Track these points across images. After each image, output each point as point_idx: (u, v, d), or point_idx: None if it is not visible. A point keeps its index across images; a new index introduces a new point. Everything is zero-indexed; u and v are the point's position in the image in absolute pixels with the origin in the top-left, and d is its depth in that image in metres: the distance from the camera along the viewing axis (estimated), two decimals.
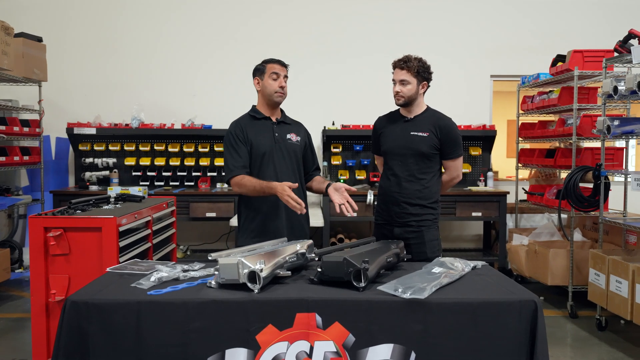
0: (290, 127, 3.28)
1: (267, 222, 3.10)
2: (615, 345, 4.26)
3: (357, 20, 6.69)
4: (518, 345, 2.10)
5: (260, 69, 3.19)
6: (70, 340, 2.04)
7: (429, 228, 3.22)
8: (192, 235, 6.54)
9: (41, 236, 3.04)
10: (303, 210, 2.81)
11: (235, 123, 3.20)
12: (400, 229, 3.23)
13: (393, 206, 3.25)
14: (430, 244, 3.21)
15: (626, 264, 4.10)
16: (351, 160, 6.41)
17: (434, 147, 3.21)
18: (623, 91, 4.19)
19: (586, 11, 6.76)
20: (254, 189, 2.97)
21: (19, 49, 5.32)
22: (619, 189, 5.20)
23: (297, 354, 2.07)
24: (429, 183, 3.23)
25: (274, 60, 3.19)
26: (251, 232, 3.11)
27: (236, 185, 3.05)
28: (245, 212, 3.16)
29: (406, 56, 3.21)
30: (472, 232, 6.81)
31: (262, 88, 3.18)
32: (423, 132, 3.21)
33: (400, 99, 3.22)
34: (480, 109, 6.76)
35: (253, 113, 3.22)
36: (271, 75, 3.14)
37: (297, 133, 3.27)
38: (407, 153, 3.22)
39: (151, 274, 2.33)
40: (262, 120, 3.20)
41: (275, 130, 3.18)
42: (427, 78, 3.23)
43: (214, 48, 6.63)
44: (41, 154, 6.03)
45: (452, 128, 3.25)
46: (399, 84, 3.20)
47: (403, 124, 3.28)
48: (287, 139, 3.20)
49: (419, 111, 3.28)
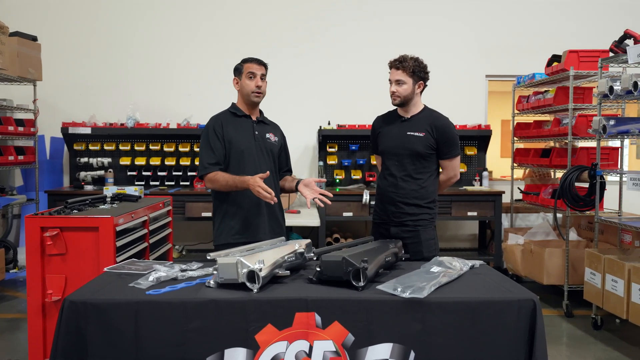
0: (268, 127, 3.30)
1: (248, 219, 3.10)
2: (611, 344, 4.28)
3: (353, 20, 6.69)
4: (517, 344, 2.11)
5: (238, 69, 3.19)
6: (68, 340, 2.03)
7: (425, 228, 3.23)
8: (188, 235, 6.52)
9: (38, 236, 3.02)
10: (275, 200, 2.88)
11: (214, 118, 3.21)
12: (397, 228, 3.24)
13: (390, 205, 3.27)
14: (427, 243, 3.22)
15: (622, 263, 4.12)
16: (347, 159, 6.41)
17: (430, 147, 3.22)
18: (619, 91, 4.20)
19: (581, 11, 6.79)
20: (226, 183, 3.00)
21: (13, 48, 5.29)
22: (614, 188, 5.22)
23: (296, 353, 2.07)
24: (426, 183, 3.24)
25: (251, 59, 3.17)
26: (231, 230, 3.11)
27: (209, 182, 3.08)
28: (223, 209, 3.14)
29: (402, 56, 3.22)
30: (468, 232, 6.83)
31: (240, 88, 3.18)
32: (419, 132, 3.21)
33: (397, 99, 3.24)
34: (476, 108, 6.77)
35: (233, 110, 3.23)
36: (247, 75, 3.13)
37: (274, 133, 3.30)
38: (403, 153, 3.23)
39: (149, 274, 2.32)
40: (242, 118, 3.20)
41: (255, 128, 3.19)
42: (423, 78, 3.24)
43: (208, 47, 6.62)
44: (36, 154, 6.00)
45: (448, 128, 3.25)
46: (394, 84, 3.21)
47: (400, 123, 3.30)
48: (267, 138, 3.22)
49: (416, 111, 3.29)
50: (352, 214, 5.83)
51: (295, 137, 6.42)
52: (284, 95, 6.47)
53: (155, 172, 6.29)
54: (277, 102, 6.31)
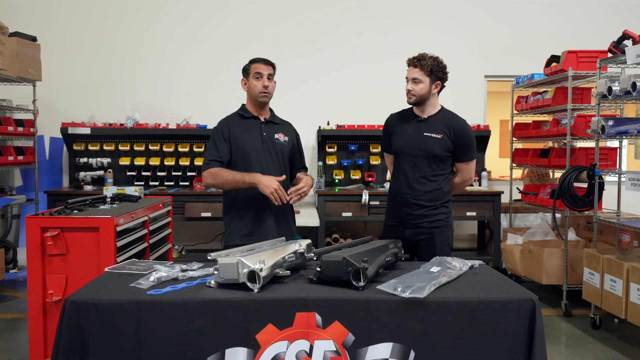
0: (278, 126, 3.29)
1: (257, 221, 3.11)
2: (610, 343, 4.30)
3: (352, 20, 6.70)
4: (516, 344, 2.12)
5: (246, 69, 3.20)
6: (69, 340, 2.04)
7: (440, 230, 3.18)
8: (187, 235, 6.52)
9: (38, 236, 3.03)
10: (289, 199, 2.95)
11: (223, 121, 3.23)
12: (412, 231, 3.19)
13: (404, 208, 3.21)
14: (441, 245, 3.17)
15: (620, 262, 4.13)
16: (346, 160, 6.42)
17: (447, 149, 3.16)
18: (617, 91, 4.22)
19: (580, 12, 6.80)
20: (233, 178, 2.99)
21: (13, 48, 5.30)
22: (613, 188, 5.23)
23: (297, 353, 2.08)
24: (440, 185, 3.20)
25: (258, 59, 3.19)
26: (239, 232, 3.12)
27: (210, 176, 3.06)
28: (232, 212, 3.16)
29: (421, 54, 3.17)
30: (467, 232, 6.84)
31: (248, 89, 3.19)
32: (437, 134, 3.16)
33: (412, 98, 3.18)
34: (475, 109, 6.78)
35: (242, 112, 3.24)
36: (254, 75, 3.14)
37: (285, 133, 3.28)
38: (419, 154, 3.17)
39: (150, 274, 2.33)
40: (251, 119, 3.21)
41: (263, 129, 3.19)
42: (441, 78, 3.19)
43: (208, 47, 6.62)
44: (35, 154, 6.00)
45: (466, 130, 3.20)
46: (411, 82, 3.16)
47: (416, 123, 3.23)
48: (275, 139, 3.21)
49: (433, 111, 3.23)
50: (351, 214, 5.84)
51: None
52: (284, 95, 6.47)
53: (154, 173, 6.30)
54: (278, 102, 6.33)
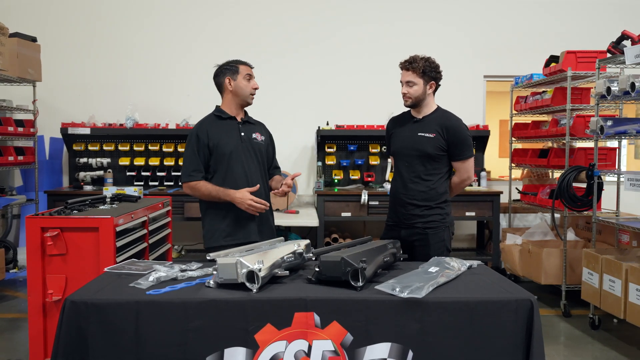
0: (254, 126, 3.30)
1: (239, 221, 3.11)
2: (609, 343, 4.30)
3: (350, 21, 6.70)
4: (514, 344, 2.12)
5: (232, 69, 3.17)
6: (69, 340, 2.05)
7: (435, 230, 3.19)
8: (187, 235, 6.52)
9: (38, 236, 3.04)
10: (267, 207, 3.03)
11: (199, 124, 3.20)
12: (407, 231, 3.21)
13: (400, 207, 3.25)
14: (435, 246, 3.17)
15: (619, 263, 4.14)
16: (345, 160, 6.42)
17: (440, 148, 3.18)
18: (616, 92, 4.23)
19: (579, 12, 6.80)
20: (209, 194, 3.07)
21: (13, 48, 5.30)
22: (612, 188, 5.24)
23: (295, 353, 2.08)
24: (435, 184, 3.20)
25: (245, 62, 3.22)
26: (222, 232, 3.12)
27: (189, 189, 3.14)
28: (212, 212, 3.15)
29: (412, 57, 3.19)
30: (466, 232, 6.84)
31: (236, 88, 3.17)
32: (429, 133, 3.18)
33: (408, 100, 3.21)
34: (474, 109, 6.78)
35: (218, 113, 3.22)
36: (245, 77, 3.15)
37: (261, 133, 3.30)
38: (413, 154, 3.20)
39: (149, 274, 2.34)
40: (228, 120, 3.20)
41: (241, 129, 3.19)
42: (434, 78, 3.21)
43: (208, 48, 6.61)
44: (35, 154, 6.01)
45: (459, 129, 3.22)
46: (405, 85, 3.18)
47: (412, 124, 3.27)
48: (253, 138, 3.22)
49: (428, 111, 3.26)
50: (350, 214, 5.84)
51: (294, 137, 6.47)
52: (283, 95, 6.49)
53: (154, 173, 6.30)
54: (277, 102, 6.36)
